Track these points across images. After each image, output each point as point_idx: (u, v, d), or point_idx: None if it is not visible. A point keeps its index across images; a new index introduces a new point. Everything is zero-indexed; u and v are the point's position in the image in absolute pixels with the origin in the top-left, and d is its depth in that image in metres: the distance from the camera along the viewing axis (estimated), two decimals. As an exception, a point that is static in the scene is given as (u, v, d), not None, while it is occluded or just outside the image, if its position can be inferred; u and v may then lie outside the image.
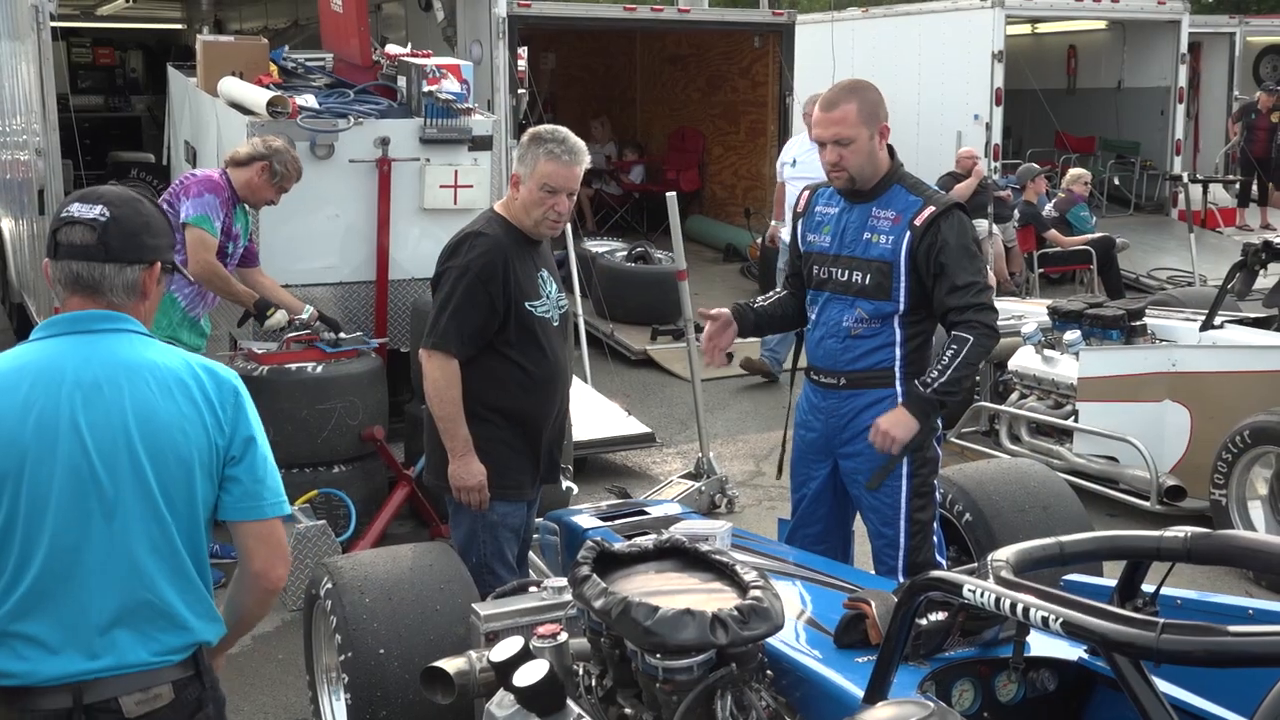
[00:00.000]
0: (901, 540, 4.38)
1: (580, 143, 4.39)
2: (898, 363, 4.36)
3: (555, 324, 4.48)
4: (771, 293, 4.89)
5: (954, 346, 4.22)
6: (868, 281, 4.33)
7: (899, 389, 4.34)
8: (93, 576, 2.54)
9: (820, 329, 4.46)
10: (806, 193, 4.67)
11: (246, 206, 6.30)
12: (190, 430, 2.63)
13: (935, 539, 4.48)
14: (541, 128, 4.42)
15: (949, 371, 4.21)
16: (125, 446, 2.57)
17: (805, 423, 4.58)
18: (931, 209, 4.29)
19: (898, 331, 4.35)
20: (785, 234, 9.31)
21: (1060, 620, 2.23)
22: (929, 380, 4.23)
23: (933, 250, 4.25)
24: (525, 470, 4.49)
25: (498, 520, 4.42)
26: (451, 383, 4.29)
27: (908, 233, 4.27)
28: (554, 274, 4.57)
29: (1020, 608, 2.32)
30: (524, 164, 4.34)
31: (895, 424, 4.23)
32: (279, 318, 6.39)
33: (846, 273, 4.38)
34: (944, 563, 4.52)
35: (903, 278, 4.29)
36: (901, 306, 4.32)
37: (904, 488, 4.36)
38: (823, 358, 4.46)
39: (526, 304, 4.35)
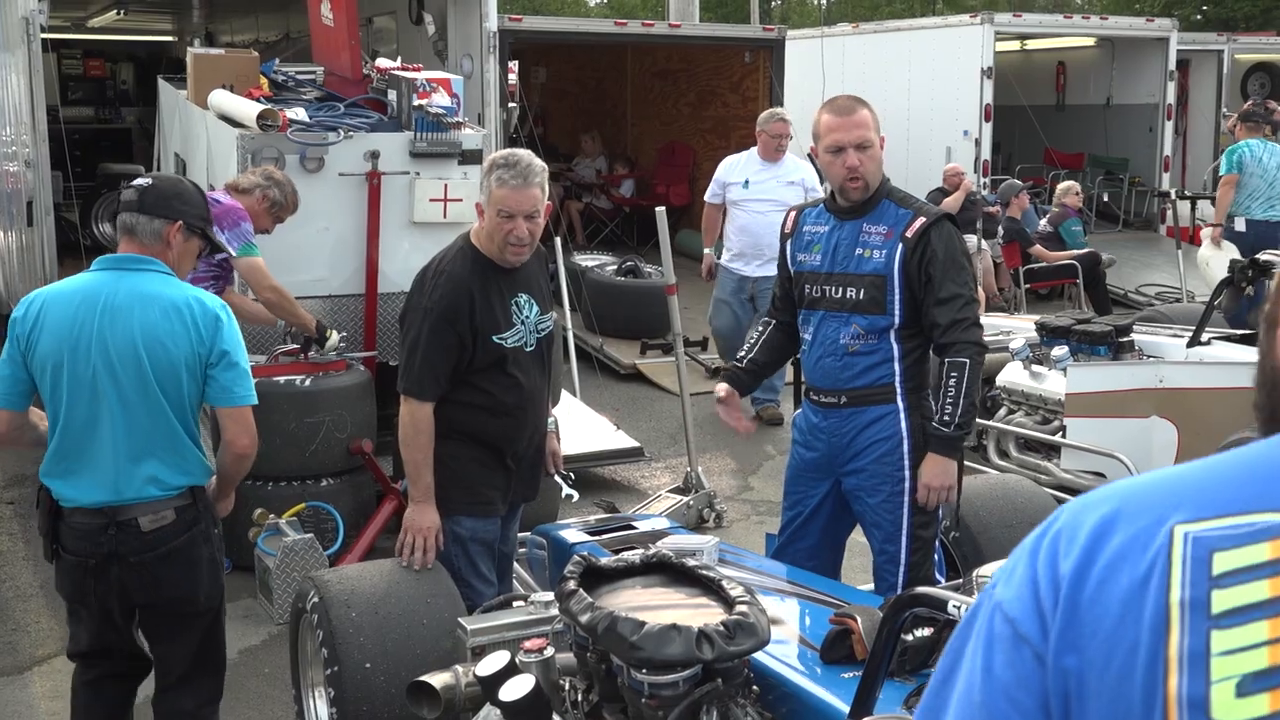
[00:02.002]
0: (903, 557, 4.37)
1: (535, 164, 4.29)
2: (898, 378, 4.37)
3: (529, 349, 4.44)
4: (754, 337, 4.87)
5: (954, 374, 4.23)
6: (862, 296, 4.33)
7: (900, 404, 4.35)
8: (109, 441, 3.71)
9: (817, 348, 4.46)
10: (793, 214, 4.68)
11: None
12: (180, 343, 3.72)
13: (935, 557, 4.49)
14: (498, 153, 4.40)
15: (961, 401, 4.23)
16: (133, 354, 3.69)
17: (805, 442, 4.57)
18: (922, 220, 4.32)
19: (895, 346, 4.36)
20: (731, 262, 9.22)
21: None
22: (946, 419, 4.25)
23: (923, 261, 4.28)
24: (496, 486, 4.48)
25: (467, 535, 4.42)
26: (421, 429, 4.30)
27: (900, 245, 4.29)
28: (539, 293, 4.52)
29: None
30: (482, 192, 4.34)
31: (936, 475, 4.28)
32: (335, 339, 6.46)
33: (840, 289, 4.38)
34: (942, 580, 4.51)
35: (897, 291, 4.30)
36: (897, 320, 4.33)
37: (906, 504, 4.36)
38: (821, 377, 4.45)
39: (494, 337, 4.33)
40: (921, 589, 2.70)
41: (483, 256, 4.37)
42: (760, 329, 4.86)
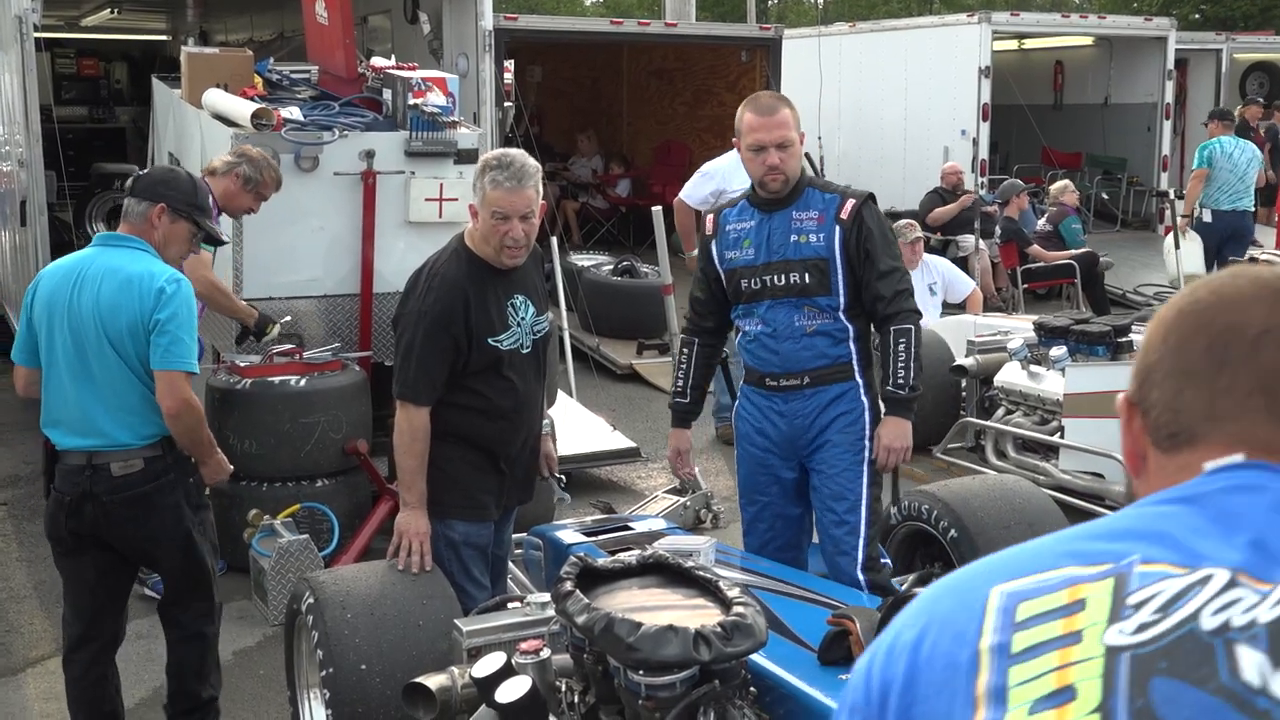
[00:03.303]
0: (862, 528, 4.50)
1: (528, 164, 4.28)
2: (854, 356, 4.57)
3: (525, 351, 4.43)
4: (684, 362, 4.91)
5: (903, 340, 4.47)
6: (808, 280, 4.51)
7: (859, 379, 4.57)
8: (81, 396, 4.19)
9: (770, 336, 4.58)
10: (710, 217, 4.80)
11: (226, 217, 6.28)
12: (127, 311, 4.15)
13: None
14: (491, 154, 4.39)
15: (912, 364, 4.47)
16: (92, 320, 4.17)
17: (760, 430, 4.67)
18: (852, 201, 4.52)
19: (849, 325, 4.55)
20: None
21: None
22: (900, 381, 4.47)
23: (860, 239, 4.49)
24: (489, 490, 4.47)
25: (460, 539, 4.40)
26: (417, 435, 4.29)
27: (837, 228, 4.49)
28: (534, 293, 4.51)
29: (1003, 625, 2.31)
30: (475, 194, 4.31)
31: (896, 436, 4.48)
32: (275, 332, 6.43)
33: (783, 276, 4.53)
34: (887, 559, 4.70)
35: (839, 272, 4.50)
36: (842, 301, 4.52)
37: (865, 474, 4.52)
38: (780, 362, 4.58)
39: (490, 340, 4.32)
40: (918, 588, 2.69)
41: (477, 258, 4.35)
42: (685, 351, 4.91)
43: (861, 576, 4.45)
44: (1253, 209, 12.62)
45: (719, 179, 8.76)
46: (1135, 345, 7.89)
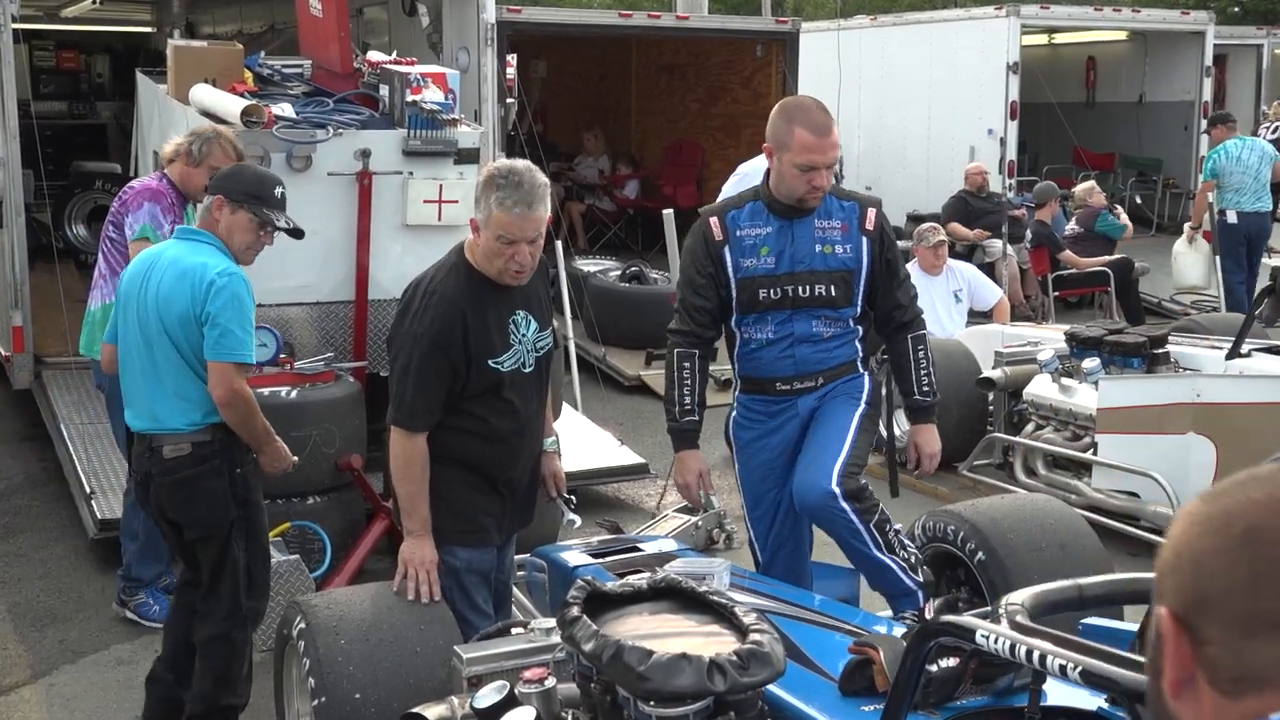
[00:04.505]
0: (845, 449, 4.63)
1: (538, 182, 4.20)
2: (859, 353, 4.86)
3: (527, 370, 4.41)
4: (687, 377, 4.87)
5: (920, 348, 4.81)
6: (834, 292, 4.68)
7: (861, 369, 4.85)
8: (146, 380, 4.63)
9: (788, 342, 4.73)
10: (715, 220, 4.76)
11: (195, 205, 6.23)
12: (181, 302, 4.54)
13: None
14: (498, 167, 4.28)
15: (932, 371, 4.84)
16: (154, 310, 4.58)
17: (770, 430, 4.81)
18: (872, 211, 4.75)
19: (857, 327, 4.83)
20: None
21: (1080, 669, 2.23)
22: (926, 389, 4.82)
23: (883, 250, 4.74)
24: (490, 514, 4.45)
25: (460, 566, 4.38)
26: (414, 461, 4.27)
27: (864, 240, 4.69)
28: (537, 308, 4.47)
29: (1037, 655, 2.32)
30: (479, 210, 4.22)
31: (931, 440, 4.84)
32: None
33: (809, 288, 4.67)
34: (912, 548, 4.82)
35: (863, 283, 4.72)
36: (858, 308, 4.78)
37: (857, 419, 4.73)
38: (794, 366, 4.76)
39: (490, 362, 4.29)
40: (949, 618, 2.69)
41: (477, 274, 4.31)
42: (687, 365, 4.86)
43: (837, 489, 4.51)
44: (1272, 208, 12.77)
45: (755, 178, 8.70)
46: (1173, 357, 7.87)
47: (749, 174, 8.61)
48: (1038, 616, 2.52)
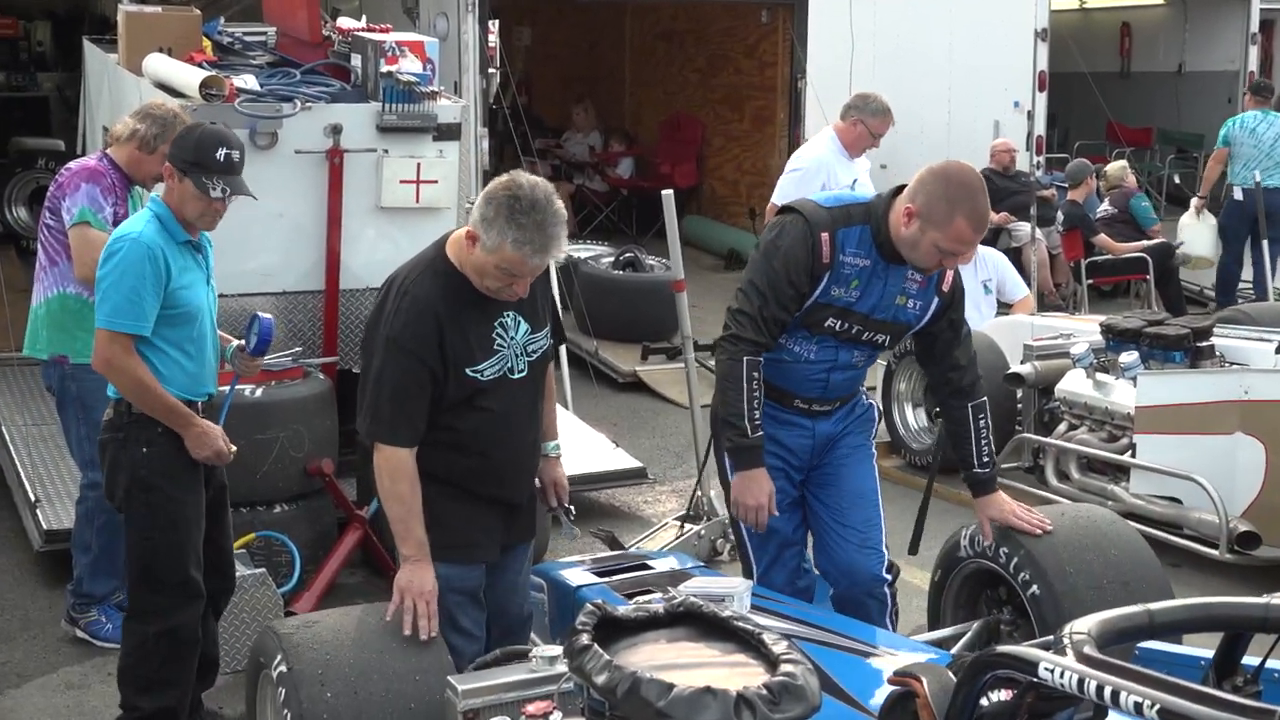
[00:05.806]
0: (883, 528, 5.01)
1: (560, 223, 4.11)
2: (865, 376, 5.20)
3: (517, 375, 4.37)
4: (755, 389, 4.77)
5: (981, 417, 4.91)
6: (888, 342, 4.94)
7: (863, 390, 5.19)
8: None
9: (826, 367, 4.89)
10: (826, 237, 4.67)
11: (139, 188, 6.15)
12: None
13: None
14: (517, 196, 4.08)
15: (992, 440, 4.97)
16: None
17: (777, 442, 4.93)
18: (951, 273, 4.83)
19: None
20: None
21: (1157, 707, 2.18)
22: (986, 460, 4.91)
23: (949, 309, 4.87)
24: (476, 528, 4.42)
25: (442, 584, 4.31)
26: (400, 477, 4.23)
27: (936, 299, 4.82)
28: (530, 305, 4.41)
29: (1109, 691, 2.27)
30: (487, 232, 4.10)
31: (1003, 512, 4.86)
32: None
33: (870, 333, 4.83)
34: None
35: (911, 333, 4.94)
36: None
37: (875, 473, 5.13)
38: (822, 389, 4.94)
39: (468, 370, 4.25)
40: (1006, 648, 2.64)
41: (459, 275, 4.25)
42: (757, 375, 4.77)
43: (887, 574, 4.95)
44: None
45: (822, 173, 8.46)
46: (1218, 350, 7.85)
47: (808, 170, 8.51)
48: (1105, 646, 2.48)
